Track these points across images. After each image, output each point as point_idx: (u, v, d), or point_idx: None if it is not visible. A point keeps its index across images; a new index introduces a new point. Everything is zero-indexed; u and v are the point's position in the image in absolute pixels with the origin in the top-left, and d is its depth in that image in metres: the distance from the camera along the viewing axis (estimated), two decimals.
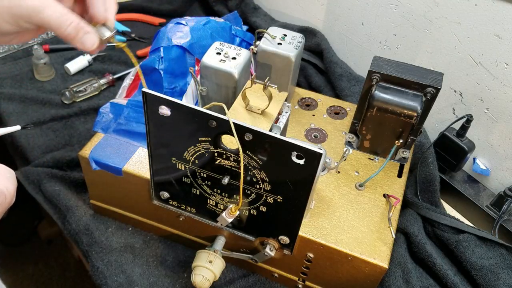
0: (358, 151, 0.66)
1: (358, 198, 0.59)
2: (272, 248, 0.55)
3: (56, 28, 0.43)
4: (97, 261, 0.63)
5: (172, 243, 0.68)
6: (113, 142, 0.62)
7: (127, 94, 0.73)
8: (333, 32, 0.97)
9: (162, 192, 0.56)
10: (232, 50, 0.62)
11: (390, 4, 0.82)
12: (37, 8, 0.42)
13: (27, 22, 0.43)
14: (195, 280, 0.55)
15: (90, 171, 0.61)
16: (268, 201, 0.50)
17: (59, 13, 0.43)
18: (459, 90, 0.76)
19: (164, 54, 0.69)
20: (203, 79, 0.63)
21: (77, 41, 0.44)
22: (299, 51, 0.66)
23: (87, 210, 0.69)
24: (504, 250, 0.64)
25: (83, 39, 0.44)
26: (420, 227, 0.68)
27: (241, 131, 0.44)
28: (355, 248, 0.53)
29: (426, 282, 0.63)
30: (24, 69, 0.94)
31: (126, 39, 1.05)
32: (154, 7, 1.15)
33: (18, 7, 0.42)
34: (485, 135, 0.75)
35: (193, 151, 0.49)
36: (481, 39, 0.70)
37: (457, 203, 0.77)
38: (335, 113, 0.73)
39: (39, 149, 0.78)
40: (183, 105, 0.44)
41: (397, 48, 0.85)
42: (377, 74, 0.60)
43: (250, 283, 0.63)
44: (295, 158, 0.43)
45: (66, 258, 1.41)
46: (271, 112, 0.55)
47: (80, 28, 0.44)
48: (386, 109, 0.59)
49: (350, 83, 0.87)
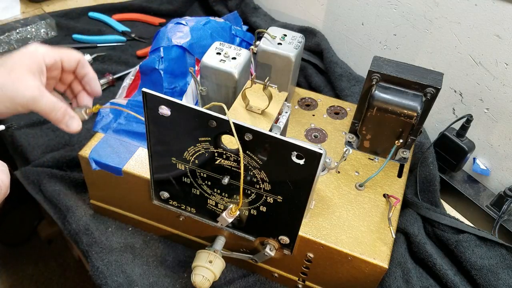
0: (358, 151, 0.66)
1: (358, 198, 0.59)
2: (272, 248, 0.55)
3: (47, 114, 0.53)
4: (97, 261, 0.63)
5: (172, 243, 0.68)
6: (113, 142, 0.62)
7: (127, 94, 0.73)
8: (333, 32, 0.97)
9: (162, 192, 0.56)
10: (232, 50, 0.62)
11: (390, 4, 0.82)
12: (35, 98, 0.51)
13: (23, 108, 0.51)
14: (195, 280, 0.55)
15: (90, 171, 0.61)
16: (268, 201, 0.50)
17: (51, 102, 0.52)
18: (459, 90, 0.76)
19: (164, 54, 0.69)
20: (203, 79, 0.63)
21: (63, 124, 0.54)
22: (299, 51, 0.66)
23: (87, 210, 0.69)
24: (504, 250, 0.64)
25: (69, 123, 0.54)
26: (420, 227, 0.68)
27: (241, 131, 0.44)
28: (355, 248, 0.53)
29: (426, 282, 0.63)
30: None
31: (126, 39, 1.05)
32: (154, 7, 1.15)
33: (18, 97, 0.50)
34: (485, 135, 0.75)
35: (193, 151, 0.49)
36: (481, 39, 0.70)
37: (457, 203, 0.77)
38: (335, 113, 0.73)
39: (39, 149, 0.78)
40: (183, 105, 0.44)
41: (397, 48, 0.85)
42: (377, 74, 0.60)
43: (250, 283, 0.63)
44: (295, 158, 0.43)
45: (66, 258, 1.41)
46: (271, 112, 0.55)
47: (66, 114, 0.54)
48: (386, 109, 0.59)
49: (350, 83, 0.87)
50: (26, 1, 1.14)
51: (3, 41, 0.99)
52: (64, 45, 1.00)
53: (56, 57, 0.55)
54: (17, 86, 0.51)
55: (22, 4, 1.13)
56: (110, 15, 1.11)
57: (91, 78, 0.59)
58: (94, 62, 0.97)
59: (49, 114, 0.53)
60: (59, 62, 0.56)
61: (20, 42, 1.00)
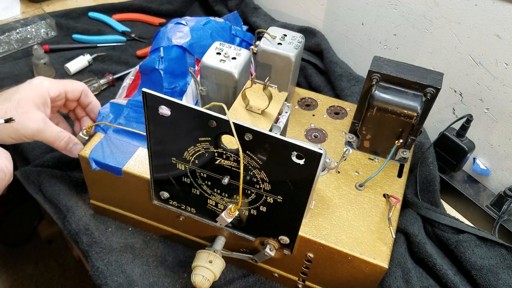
0: (358, 151, 0.66)
1: (358, 198, 0.59)
2: (272, 248, 0.55)
3: (51, 143, 0.58)
4: (97, 261, 0.63)
5: (172, 243, 0.68)
6: (113, 142, 0.62)
7: (127, 94, 0.73)
8: (333, 32, 0.97)
9: (162, 192, 0.56)
10: (232, 50, 0.62)
11: (390, 4, 0.82)
12: (40, 130, 0.55)
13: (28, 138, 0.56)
14: (195, 280, 0.55)
15: (90, 171, 0.61)
16: (268, 201, 0.50)
17: (55, 133, 0.57)
18: (459, 90, 0.76)
19: (164, 54, 0.69)
20: (203, 79, 0.63)
21: (67, 151, 0.59)
22: (299, 51, 0.66)
23: (87, 210, 0.69)
24: (504, 250, 0.64)
25: (72, 149, 0.60)
26: (420, 227, 0.68)
27: (241, 131, 0.44)
28: (355, 248, 0.53)
29: (426, 282, 0.63)
30: (24, 69, 0.94)
31: (126, 39, 1.05)
32: (154, 7, 1.15)
33: (24, 129, 0.54)
34: (485, 135, 0.75)
35: (193, 151, 0.49)
36: (481, 39, 0.70)
37: (457, 203, 0.77)
38: (335, 113, 0.73)
39: (39, 149, 0.78)
40: (183, 105, 0.44)
41: (397, 48, 0.85)
42: (377, 74, 0.60)
43: (250, 283, 0.63)
44: (295, 158, 0.43)
45: (66, 258, 1.41)
46: (271, 112, 0.55)
47: (70, 141, 0.59)
48: (386, 109, 0.59)
49: (350, 83, 0.87)
50: (26, 1, 1.14)
51: (3, 41, 0.99)
52: (64, 45, 1.00)
53: (60, 90, 0.62)
54: (23, 119, 0.54)
55: (22, 4, 1.13)
56: (110, 15, 1.11)
57: (94, 106, 0.67)
58: (94, 62, 0.97)
59: (53, 143, 0.58)
60: (63, 93, 0.63)
61: (20, 42, 1.00)
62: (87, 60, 0.96)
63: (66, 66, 0.94)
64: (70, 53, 0.99)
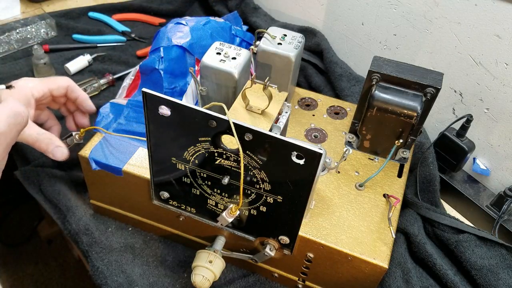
0: (358, 151, 0.66)
1: (358, 198, 0.59)
2: (272, 248, 0.55)
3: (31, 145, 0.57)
4: (97, 261, 0.63)
5: (172, 243, 0.68)
6: (113, 142, 0.62)
7: (127, 94, 0.73)
8: (333, 32, 0.97)
9: (162, 192, 0.56)
10: (232, 50, 0.62)
11: (390, 4, 0.82)
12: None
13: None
14: (195, 280, 0.55)
15: (90, 171, 0.61)
16: (268, 201, 0.50)
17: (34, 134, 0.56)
18: (459, 90, 0.76)
19: (164, 54, 0.69)
20: (203, 79, 0.63)
21: (49, 152, 0.58)
22: (299, 51, 0.66)
23: (87, 210, 0.69)
24: (504, 250, 0.64)
25: (54, 151, 0.58)
26: (420, 227, 0.68)
27: (241, 131, 0.44)
28: (355, 248, 0.53)
29: (426, 282, 0.63)
30: (24, 69, 0.94)
31: (126, 39, 1.05)
32: (154, 7, 1.15)
33: None
34: (485, 135, 0.75)
35: (193, 151, 0.49)
36: (481, 39, 0.70)
37: (457, 203, 0.77)
38: (335, 113, 0.73)
39: None
40: (183, 105, 0.44)
41: (397, 48, 0.85)
42: (377, 74, 0.60)
43: (250, 283, 0.63)
44: (295, 158, 0.43)
45: (66, 258, 1.41)
46: (271, 112, 0.55)
47: (50, 144, 0.57)
48: (386, 109, 0.59)
49: (350, 83, 0.87)
50: (26, 1, 1.14)
51: (3, 41, 0.99)
52: (64, 45, 1.00)
53: (44, 89, 0.61)
54: None
55: (22, 4, 1.13)
56: (110, 15, 1.11)
57: (82, 100, 0.66)
58: (94, 62, 0.97)
59: (33, 144, 0.57)
60: (48, 92, 0.62)
61: (20, 42, 1.00)
62: (87, 60, 0.96)
63: (66, 66, 0.94)
64: (70, 53, 0.99)
